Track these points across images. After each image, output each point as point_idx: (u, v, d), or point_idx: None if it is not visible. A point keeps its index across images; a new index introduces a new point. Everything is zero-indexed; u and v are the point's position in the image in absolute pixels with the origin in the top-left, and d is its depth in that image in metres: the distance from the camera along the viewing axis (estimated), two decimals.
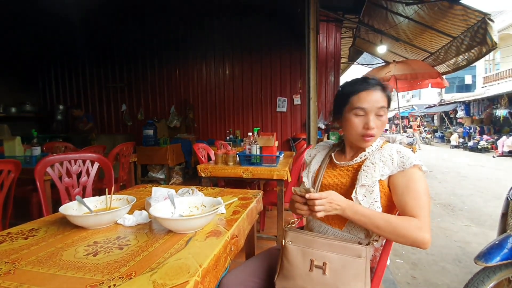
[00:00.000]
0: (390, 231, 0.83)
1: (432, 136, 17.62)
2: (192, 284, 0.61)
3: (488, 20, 3.36)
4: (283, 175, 2.07)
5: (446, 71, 5.27)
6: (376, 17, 5.02)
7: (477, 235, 2.90)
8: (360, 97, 0.94)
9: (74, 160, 1.65)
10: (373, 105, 0.92)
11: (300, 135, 5.28)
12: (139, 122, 5.90)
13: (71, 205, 1.03)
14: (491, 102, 12.97)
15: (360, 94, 0.94)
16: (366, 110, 0.93)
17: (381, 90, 0.95)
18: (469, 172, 6.84)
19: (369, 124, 0.92)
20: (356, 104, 0.94)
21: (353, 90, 0.96)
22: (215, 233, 0.90)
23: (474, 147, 11.93)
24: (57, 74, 6.36)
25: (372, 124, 0.92)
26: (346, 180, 0.98)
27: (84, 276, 0.64)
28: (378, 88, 0.94)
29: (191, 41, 5.64)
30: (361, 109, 0.93)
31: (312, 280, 0.86)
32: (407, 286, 1.99)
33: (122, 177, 2.98)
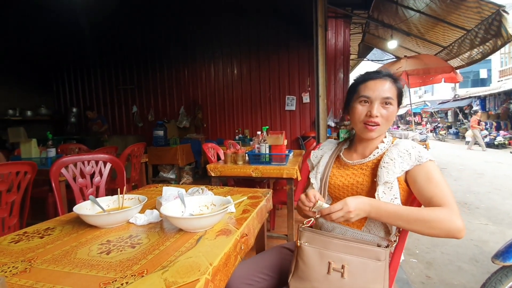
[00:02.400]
0: (421, 224, 0.79)
1: (446, 132, 17.17)
2: (203, 282, 0.62)
3: (502, 12, 3.25)
4: (293, 174, 2.06)
5: (460, 65, 5.13)
6: (386, 12, 4.93)
7: (494, 233, 2.81)
8: (367, 85, 0.93)
9: (88, 161, 1.69)
10: (378, 94, 0.91)
11: (310, 133, 5.24)
12: (150, 123, 5.99)
13: (85, 204, 1.05)
14: (507, 97, 12.52)
15: (368, 82, 0.94)
16: (371, 99, 0.92)
17: (391, 81, 0.93)
18: (485, 169, 6.63)
19: (372, 112, 0.91)
20: (363, 92, 0.94)
21: (362, 79, 0.96)
22: (225, 232, 0.90)
23: (490, 143, 11.54)
24: (70, 78, 6.53)
25: (375, 112, 0.90)
26: (363, 179, 0.95)
27: (97, 274, 0.66)
28: (387, 79, 0.93)
29: (198, 41, 5.68)
30: (366, 97, 0.93)
31: (330, 283, 0.83)
32: (421, 286, 1.95)
33: (133, 178, 3.04)
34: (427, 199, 0.84)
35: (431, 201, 0.83)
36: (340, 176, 1.00)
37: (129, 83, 6.16)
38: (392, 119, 0.95)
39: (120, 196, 1.12)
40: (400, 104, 0.97)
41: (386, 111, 0.92)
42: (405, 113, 22.71)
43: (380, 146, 0.97)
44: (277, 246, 1.17)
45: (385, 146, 0.97)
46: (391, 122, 0.95)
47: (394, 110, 0.94)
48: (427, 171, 0.87)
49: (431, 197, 0.83)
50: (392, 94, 0.92)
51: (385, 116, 0.92)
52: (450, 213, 0.78)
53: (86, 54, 6.20)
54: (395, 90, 0.93)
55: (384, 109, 0.92)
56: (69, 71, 6.49)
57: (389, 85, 0.92)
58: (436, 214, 0.78)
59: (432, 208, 0.81)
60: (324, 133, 3.11)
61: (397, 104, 0.96)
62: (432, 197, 0.83)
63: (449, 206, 0.80)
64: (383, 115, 0.92)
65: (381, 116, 0.92)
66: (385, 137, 1.00)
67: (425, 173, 0.87)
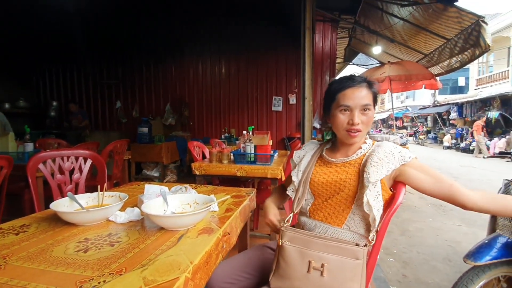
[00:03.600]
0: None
1: (425, 137, 17.83)
2: (183, 280, 0.62)
3: (481, 22, 3.40)
4: (277, 174, 2.08)
5: (440, 73, 5.33)
6: (371, 18, 5.05)
7: (467, 234, 2.95)
8: (345, 94, 0.96)
9: (67, 157, 1.64)
10: (358, 102, 0.95)
11: (295, 134, 5.30)
12: (134, 120, 5.86)
13: (63, 201, 1.02)
14: (483, 104, 13.17)
15: (346, 91, 0.96)
16: (351, 107, 0.96)
17: (367, 87, 0.97)
18: (461, 173, 6.94)
19: (354, 120, 0.95)
20: (342, 101, 0.96)
21: (339, 87, 0.98)
22: (207, 230, 0.90)
23: (466, 148, 12.10)
24: (51, 70, 6.28)
25: (356, 120, 0.94)
26: (346, 176, 0.97)
27: (74, 272, 0.64)
28: (363, 85, 0.96)
29: (187, 39, 5.61)
30: (346, 106, 0.96)
31: (309, 281, 0.86)
32: (398, 285, 2.02)
33: (115, 175, 2.96)
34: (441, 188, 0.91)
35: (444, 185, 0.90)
36: (323, 174, 1.03)
37: (114, 78, 5.99)
38: (371, 123, 1.00)
39: (100, 193, 1.09)
40: (376, 104, 1.01)
41: (366, 117, 0.96)
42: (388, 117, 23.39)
43: (363, 147, 1.01)
44: (259, 245, 1.19)
45: (368, 147, 1.01)
46: (370, 125, 0.99)
47: (372, 114, 0.99)
48: (419, 166, 0.93)
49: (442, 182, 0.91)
50: (369, 100, 0.96)
51: (365, 121, 0.97)
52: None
53: (69, 46, 5.97)
54: (371, 95, 0.97)
55: (363, 115, 0.96)
56: (50, 63, 6.23)
57: (366, 92, 0.96)
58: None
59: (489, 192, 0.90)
60: (309, 135, 3.15)
61: (374, 105, 1.00)
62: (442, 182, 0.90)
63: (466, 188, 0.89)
64: (363, 121, 0.96)
65: (361, 123, 0.96)
66: (366, 139, 1.04)
67: (419, 168, 0.93)
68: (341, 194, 0.97)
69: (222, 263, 1.08)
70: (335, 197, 0.98)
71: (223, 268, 1.05)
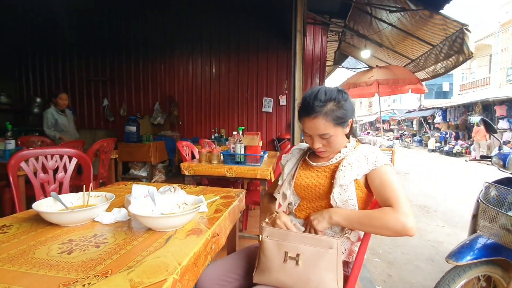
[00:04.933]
0: (371, 224, 0.88)
1: (411, 140, 18.31)
2: (170, 282, 0.61)
3: (465, 30, 3.53)
4: (267, 175, 2.09)
5: (426, 78, 5.49)
6: (361, 23, 5.15)
7: (449, 235, 3.04)
8: (304, 122, 0.99)
9: (51, 155, 1.59)
10: (314, 132, 0.98)
11: (285, 135, 5.33)
12: (122, 118, 5.74)
13: (46, 201, 0.99)
14: (466, 109, 13.64)
15: (303, 120, 0.99)
16: (309, 134, 1.00)
17: (324, 116, 0.94)
18: (444, 175, 7.16)
19: (313, 146, 1.00)
20: (303, 127, 1.01)
21: (301, 112, 1.00)
22: (195, 231, 0.89)
23: (449, 151, 12.50)
24: (35, 65, 6.06)
25: (316, 146, 0.99)
26: (324, 180, 1.01)
27: (57, 274, 0.62)
28: (320, 114, 0.94)
29: (178, 37, 5.55)
30: (306, 133, 1.01)
31: (286, 271, 0.88)
32: (383, 284, 2.06)
33: (101, 174, 2.90)
34: (383, 202, 0.93)
35: (386, 203, 0.91)
36: (305, 177, 1.06)
37: (101, 75, 5.85)
38: (338, 141, 0.99)
39: (85, 193, 1.07)
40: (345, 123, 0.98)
41: (327, 140, 0.98)
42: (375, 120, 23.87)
43: (343, 151, 1.03)
44: (249, 246, 1.19)
45: (347, 151, 1.03)
46: (337, 143, 1.00)
47: (336, 136, 0.97)
48: (381, 175, 0.94)
49: (386, 199, 0.91)
50: (326, 130, 0.95)
51: (326, 144, 0.99)
52: (396, 213, 0.86)
53: (54, 41, 5.80)
54: (330, 122, 0.94)
55: (324, 139, 0.98)
56: (34, 58, 6.02)
57: (322, 122, 0.94)
58: (382, 214, 0.87)
59: (380, 209, 0.90)
60: (298, 136, 3.18)
61: (341, 126, 0.97)
62: (386, 200, 0.91)
63: (396, 206, 0.87)
64: (325, 145, 0.99)
65: (323, 146, 0.99)
66: (349, 142, 1.06)
67: (380, 177, 0.94)
68: (321, 198, 1.01)
69: (212, 265, 1.08)
70: (317, 201, 1.02)
71: (213, 270, 1.05)
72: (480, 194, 1.55)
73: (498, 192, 1.43)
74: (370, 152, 0.97)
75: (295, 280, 0.87)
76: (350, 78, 5.87)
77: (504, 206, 1.36)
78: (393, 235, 0.87)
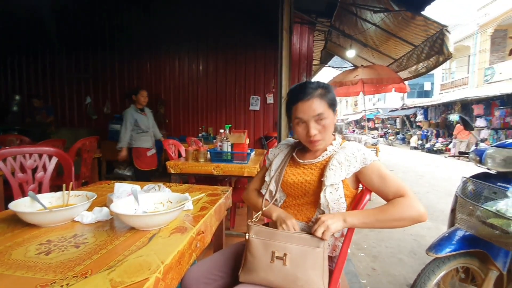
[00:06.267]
0: (390, 219, 0.89)
1: (394, 137, 18.81)
2: (153, 281, 0.60)
3: (445, 31, 3.65)
4: (254, 172, 2.09)
5: (408, 77, 5.64)
6: (346, 22, 5.23)
7: (430, 229, 3.15)
8: (297, 108, 0.98)
9: (29, 154, 1.53)
10: (310, 114, 0.96)
11: (273, 133, 5.35)
12: (105, 116, 5.58)
13: (23, 201, 0.95)
14: (446, 108, 14.13)
15: (297, 105, 0.98)
16: (304, 119, 0.98)
17: (319, 97, 0.96)
18: (425, 172, 7.40)
19: (309, 132, 0.97)
20: (296, 114, 0.99)
21: (292, 100, 1.00)
22: (180, 230, 0.88)
23: (430, 148, 12.94)
24: (13, 61, 5.79)
25: (312, 132, 0.96)
26: (311, 178, 1.02)
27: (34, 275, 0.60)
28: (314, 96, 0.96)
29: (164, 35, 5.44)
30: (300, 119, 0.98)
31: (273, 271, 0.88)
32: (367, 278, 2.11)
33: (84, 174, 2.82)
34: (386, 195, 0.95)
35: (389, 196, 0.94)
36: (292, 174, 1.06)
37: (84, 72, 5.67)
38: (331, 127, 1.00)
39: (65, 192, 1.03)
40: (335, 108, 1.01)
41: (322, 125, 0.97)
42: (360, 119, 24.34)
43: (329, 149, 1.04)
44: (236, 244, 1.19)
45: (334, 148, 1.04)
46: (330, 130, 1.00)
47: (330, 120, 0.99)
48: (377, 170, 0.96)
49: (388, 192, 0.94)
50: (323, 109, 0.96)
51: (322, 130, 0.98)
52: (410, 202, 0.90)
53: (33, 36, 5.55)
54: (325, 103, 0.97)
55: (319, 125, 0.97)
56: (12, 54, 5.75)
57: (318, 102, 0.96)
58: (398, 206, 0.89)
59: (393, 202, 0.92)
60: (285, 134, 3.20)
61: (332, 111, 1.00)
62: (393, 192, 0.94)
63: (407, 196, 0.91)
64: (320, 130, 0.98)
65: (319, 132, 0.98)
66: (335, 139, 1.07)
67: (376, 172, 0.96)
68: (307, 195, 1.01)
69: (198, 263, 1.07)
70: (303, 198, 1.03)
71: (198, 268, 1.05)
72: (458, 188, 1.61)
73: (475, 186, 1.49)
74: (356, 150, 0.99)
75: (282, 279, 0.87)
76: (336, 77, 5.94)
77: (480, 200, 1.42)
78: (410, 224, 0.90)
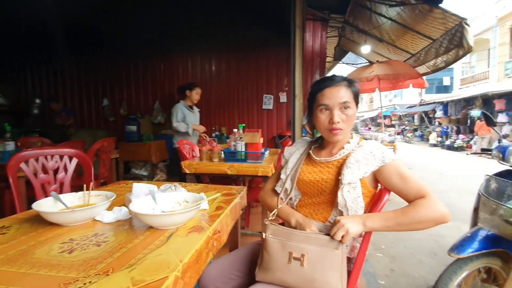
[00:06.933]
0: (412, 222, 0.86)
1: (412, 135, 18.26)
2: (172, 279, 0.61)
3: (464, 24, 3.50)
4: (268, 172, 2.08)
5: (426, 72, 5.45)
6: (360, 18, 5.11)
7: (451, 228, 3.04)
8: (324, 94, 0.98)
9: (51, 156, 1.59)
10: (335, 101, 0.96)
11: (286, 132, 5.31)
12: (122, 118, 5.73)
13: (46, 201, 0.99)
14: (466, 103, 13.59)
15: (324, 91, 0.98)
16: (329, 106, 0.97)
17: (346, 86, 0.98)
18: (445, 170, 7.15)
19: (333, 119, 0.96)
20: (321, 101, 0.98)
21: (318, 88, 1.00)
22: (197, 229, 0.89)
23: (450, 145, 12.47)
24: (33, 65, 6.05)
25: (336, 119, 0.96)
26: (327, 176, 0.99)
27: (57, 274, 0.62)
28: (342, 84, 0.98)
29: (176, 36, 5.52)
30: (325, 105, 0.97)
31: (290, 271, 0.87)
32: (386, 279, 2.06)
33: (102, 174, 2.90)
34: (407, 195, 0.92)
35: (410, 196, 0.91)
36: (307, 173, 1.04)
37: (100, 75, 5.84)
38: (353, 120, 1.00)
39: (86, 192, 1.06)
40: (358, 103, 1.02)
41: (346, 115, 0.97)
42: (376, 116, 23.80)
43: (346, 147, 1.02)
44: (252, 243, 1.18)
45: (351, 146, 1.02)
46: (352, 123, 1.00)
47: (353, 112, 0.99)
48: (397, 170, 0.93)
49: (413, 192, 0.91)
50: (348, 98, 0.97)
51: (345, 120, 0.97)
52: (432, 203, 0.86)
53: (52, 41, 5.77)
54: (351, 93, 0.98)
55: (343, 114, 0.97)
56: (32, 59, 6.00)
57: (344, 90, 0.97)
58: (420, 208, 0.86)
59: (414, 203, 0.88)
60: (299, 133, 3.16)
61: (356, 104, 1.01)
62: (414, 193, 0.90)
63: (429, 196, 0.88)
64: (343, 120, 0.97)
65: (342, 121, 0.97)
66: (352, 138, 1.05)
67: (396, 171, 0.93)
68: (323, 194, 0.99)
69: (215, 262, 1.07)
70: (319, 196, 1.01)
71: (216, 267, 1.05)
72: (481, 187, 1.55)
73: (498, 184, 1.43)
74: (375, 148, 0.96)
75: (300, 280, 0.86)
76: (350, 74, 5.83)
77: (504, 198, 1.36)
78: (432, 226, 0.87)
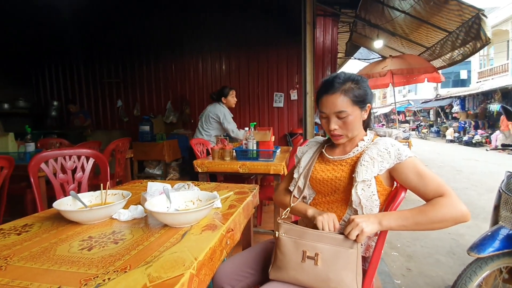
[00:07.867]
0: (430, 221, 0.84)
1: (428, 130, 17.75)
2: (188, 276, 0.62)
3: (481, 15, 3.37)
4: (280, 170, 2.07)
5: (442, 66, 5.28)
6: (372, 12, 5.00)
7: (470, 227, 2.94)
8: (321, 102, 0.98)
9: (69, 156, 1.64)
10: (331, 110, 0.95)
11: (297, 130, 5.28)
12: (135, 118, 5.85)
13: (66, 200, 1.02)
14: (485, 97, 13.07)
15: (322, 98, 0.98)
16: (326, 114, 0.97)
17: (343, 93, 0.93)
18: (463, 166, 6.91)
19: (329, 126, 0.96)
20: (320, 108, 0.99)
21: (318, 93, 1.00)
22: (210, 227, 0.90)
23: (469, 141, 12.03)
24: (51, 69, 6.26)
25: (331, 126, 0.96)
26: (341, 174, 0.98)
27: (78, 270, 0.64)
28: (338, 92, 0.94)
29: (187, 36, 5.58)
30: (323, 113, 0.98)
31: (304, 270, 0.87)
32: (402, 278, 2.02)
33: (118, 173, 2.97)
34: (425, 193, 0.90)
35: (429, 194, 0.89)
36: (321, 171, 1.03)
37: (114, 77, 5.98)
38: (355, 124, 0.96)
39: (103, 191, 1.09)
40: (363, 104, 0.96)
41: (343, 122, 0.95)
42: (390, 112, 23.27)
43: (360, 144, 1.00)
44: (264, 241, 1.19)
45: (365, 144, 1.00)
46: (354, 127, 0.97)
47: (353, 117, 0.95)
48: (414, 167, 0.91)
49: (432, 190, 0.88)
50: (344, 106, 0.93)
51: (343, 126, 0.96)
52: (452, 201, 0.84)
53: (68, 45, 5.96)
54: (348, 99, 0.93)
55: (340, 120, 0.96)
56: (50, 63, 6.22)
57: (341, 98, 0.93)
58: (439, 206, 0.83)
59: (433, 202, 0.86)
60: (311, 130, 3.14)
61: (359, 106, 0.95)
62: (432, 191, 0.88)
63: (447, 194, 0.85)
64: (340, 126, 0.96)
65: (339, 128, 0.96)
66: (366, 135, 1.03)
67: (413, 168, 0.91)
68: (337, 192, 0.98)
69: (228, 260, 1.08)
70: (333, 195, 1.00)
71: (229, 265, 1.06)
72: (502, 184, 1.49)
73: None
74: (390, 145, 0.94)
75: (314, 279, 0.86)
76: (363, 69, 5.73)
77: None
78: (451, 226, 0.84)
